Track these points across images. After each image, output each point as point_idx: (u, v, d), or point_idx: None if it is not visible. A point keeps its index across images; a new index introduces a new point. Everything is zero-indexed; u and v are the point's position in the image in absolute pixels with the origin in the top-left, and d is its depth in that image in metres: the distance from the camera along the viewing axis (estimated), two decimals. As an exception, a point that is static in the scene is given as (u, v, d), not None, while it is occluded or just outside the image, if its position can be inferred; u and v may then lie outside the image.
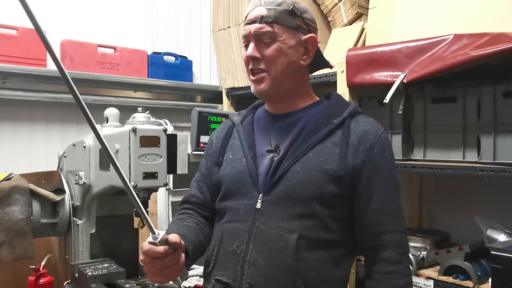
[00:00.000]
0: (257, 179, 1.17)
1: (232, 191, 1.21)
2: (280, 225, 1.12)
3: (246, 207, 1.17)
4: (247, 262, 1.12)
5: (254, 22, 1.17)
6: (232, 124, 1.33)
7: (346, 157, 1.14)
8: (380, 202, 1.15)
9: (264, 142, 1.23)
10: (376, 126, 1.20)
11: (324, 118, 1.19)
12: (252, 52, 1.17)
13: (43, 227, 1.87)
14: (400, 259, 1.15)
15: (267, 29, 1.15)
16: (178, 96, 2.81)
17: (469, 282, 1.69)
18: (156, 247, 0.99)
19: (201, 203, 1.32)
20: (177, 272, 1.06)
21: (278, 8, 1.16)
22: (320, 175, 1.12)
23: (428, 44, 1.70)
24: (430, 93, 1.92)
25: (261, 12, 1.16)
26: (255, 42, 1.18)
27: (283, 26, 1.16)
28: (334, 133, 1.17)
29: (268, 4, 1.17)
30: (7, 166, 2.16)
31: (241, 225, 1.16)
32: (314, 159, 1.14)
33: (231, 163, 1.24)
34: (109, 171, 1.77)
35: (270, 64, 1.17)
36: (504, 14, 1.67)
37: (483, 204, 2.08)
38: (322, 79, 2.12)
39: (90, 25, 2.51)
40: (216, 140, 1.34)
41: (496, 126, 1.68)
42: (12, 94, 2.18)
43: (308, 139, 1.16)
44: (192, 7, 2.96)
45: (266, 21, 1.15)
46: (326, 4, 2.47)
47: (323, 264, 1.12)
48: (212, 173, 1.29)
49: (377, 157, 1.16)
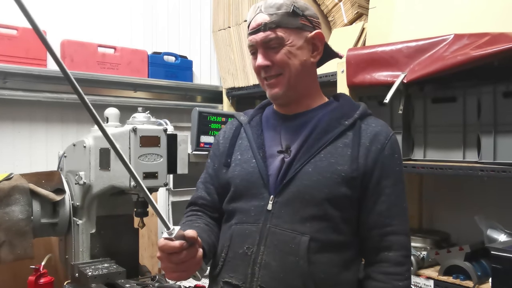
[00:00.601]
0: (267, 180, 1.16)
1: (242, 192, 1.19)
2: (291, 227, 1.11)
3: (256, 209, 1.15)
4: (258, 264, 1.11)
5: (258, 30, 1.16)
6: (239, 124, 1.31)
7: (357, 158, 1.13)
8: (387, 203, 1.14)
9: (274, 143, 1.21)
10: (386, 128, 1.20)
11: (335, 119, 1.18)
12: (262, 61, 1.16)
13: (43, 227, 1.87)
14: (403, 261, 1.14)
15: (273, 35, 1.15)
16: (178, 96, 2.82)
17: (469, 282, 1.69)
18: (172, 242, 0.98)
19: (209, 204, 1.30)
20: (195, 267, 1.05)
21: (279, 12, 1.15)
22: (332, 177, 1.11)
23: (428, 44, 1.70)
24: (430, 93, 1.92)
25: (263, 19, 1.15)
26: (263, 50, 1.17)
27: (287, 28, 1.15)
28: (345, 134, 1.16)
29: (268, 10, 1.16)
30: (7, 166, 2.16)
31: (252, 226, 1.14)
32: (326, 160, 1.13)
33: (240, 163, 1.22)
34: (109, 171, 1.77)
35: (283, 68, 1.17)
36: (504, 14, 1.67)
37: (483, 204, 2.08)
38: (322, 79, 2.11)
39: (90, 25, 2.51)
40: (224, 140, 1.31)
41: (496, 126, 1.68)
42: (12, 94, 2.18)
43: (319, 140, 1.16)
44: (192, 7, 2.96)
45: (270, 27, 1.15)
46: (326, 4, 2.47)
47: (334, 266, 1.11)
48: (220, 174, 1.27)
49: (388, 158, 1.16)
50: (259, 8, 1.17)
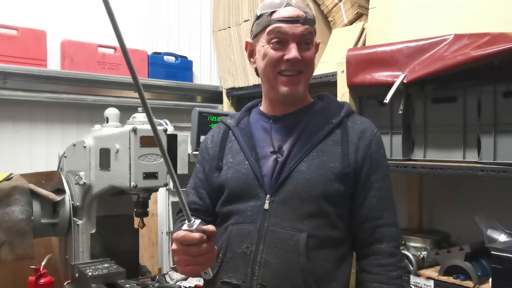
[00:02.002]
0: (263, 180, 1.17)
1: (237, 194, 1.20)
2: (289, 225, 1.13)
3: (253, 209, 1.16)
4: (257, 263, 1.12)
5: (296, 21, 1.15)
6: (226, 127, 1.31)
7: (348, 154, 1.17)
8: (377, 197, 1.19)
9: (265, 144, 1.22)
10: (371, 125, 1.25)
11: (323, 118, 1.22)
12: (297, 55, 1.15)
13: (44, 227, 1.87)
14: (395, 252, 1.18)
15: (310, 30, 1.17)
16: (178, 96, 2.81)
17: (470, 282, 1.69)
18: (193, 234, 0.99)
19: (202, 209, 1.30)
20: (210, 262, 1.06)
21: (310, 12, 1.19)
22: (325, 174, 1.14)
23: (429, 44, 1.70)
24: (430, 93, 1.92)
25: (301, 12, 1.16)
26: (297, 43, 1.16)
27: (315, 30, 1.20)
28: (333, 133, 1.20)
29: (302, 7, 1.17)
30: (7, 166, 2.16)
31: (250, 226, 1.15)
32: (318, 158, 1.16)
33: (232, 166, 1.23)
34: (109, 171, 1.77)
35: (308, 67, 1.19)
36: (504, 14, 1.67)
37: (483, 204, 2.08)
38: (322, 79, 2.11)
39: (90, 25, 2.51)
40: (212, 144, 1.31)
41: (496, 126, 1.68)
42: (12, 94, 2.18)
43: (310, 139, 1.18)
44: (192, 7, 2.96)
45: (309, 23, 1.17)
46: (326, 4, 2.47)
47: (331, 262, 1.15)
48: (211, 178, 1.27)
49: (375, 153, 1.20)
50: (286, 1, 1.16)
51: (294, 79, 1.18)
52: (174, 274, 1.94)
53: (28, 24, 2.25)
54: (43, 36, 2.29)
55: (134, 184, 1.71)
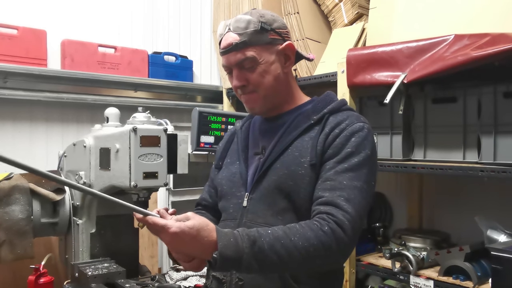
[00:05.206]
0: (246, 180, 1.24)
1: (226, 192, 1.29)
2: (265, 221, 1.16)
3: (235, 206, 1.24)
4: None
5: (229, 51, 1.18)
6: (235, 130, 1.41)
7: (316, 145, 1.16)
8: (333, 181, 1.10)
9: (254, 145, 1.29)
10: (355, 119, 1.18)
11: (306, 116, 1.23)
12: (239, 82, 1.21)
13: (44, 226, 1.87)
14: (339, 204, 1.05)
15: (245, 56, 1.17)
16: (179, 96, 2.81)
17: (469, 283, 1.69)
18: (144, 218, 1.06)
19: (210, 206, 1.40)
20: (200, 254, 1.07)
21: (248, 31, 1.16)
22: (296, 169, 1.16)
23: (429, 44, 1.70)
24: (430, 93, 1.92)
25: (233, 38, 1.17)
26: (238, 70, 1.20)
27: (258, 46, 1.17)
28: (312, 129, 1.20)
29: (236, 30, 1.17)
30: (7, 166, 2.15)
31: (231, 222, 1.22)
32: (291, 155, 1.18)
33: (227, 166, 1.33)
34: (109, 171, 1.77)
35: (258, 87, 1.21)
36: (504, 14, 1.67)
37: (483, 204, 2.08)
38: (322, 79, 2.12)
39: (90, 25, 2.51)
40: (222, 145, 1.42)
41: (496, 126, 1.68)
42: (13, 94, 2.18)
43: (287, 137, 1.21)
44: (193, 7, 2.96)
45: (240, 47, 1.16)
46: (326, 4, 2.47)
47: None
48: (214, 177, 1.37)
49: (342, 138, 1.14)
50: (227, 27, 1.19)
51: (249, 99, 1.24)
52: (174, 274, 1.94)
53: (28, 23, 2.25)
54: (44, 36, 2.29)
55: (134, 184, 1.71)
